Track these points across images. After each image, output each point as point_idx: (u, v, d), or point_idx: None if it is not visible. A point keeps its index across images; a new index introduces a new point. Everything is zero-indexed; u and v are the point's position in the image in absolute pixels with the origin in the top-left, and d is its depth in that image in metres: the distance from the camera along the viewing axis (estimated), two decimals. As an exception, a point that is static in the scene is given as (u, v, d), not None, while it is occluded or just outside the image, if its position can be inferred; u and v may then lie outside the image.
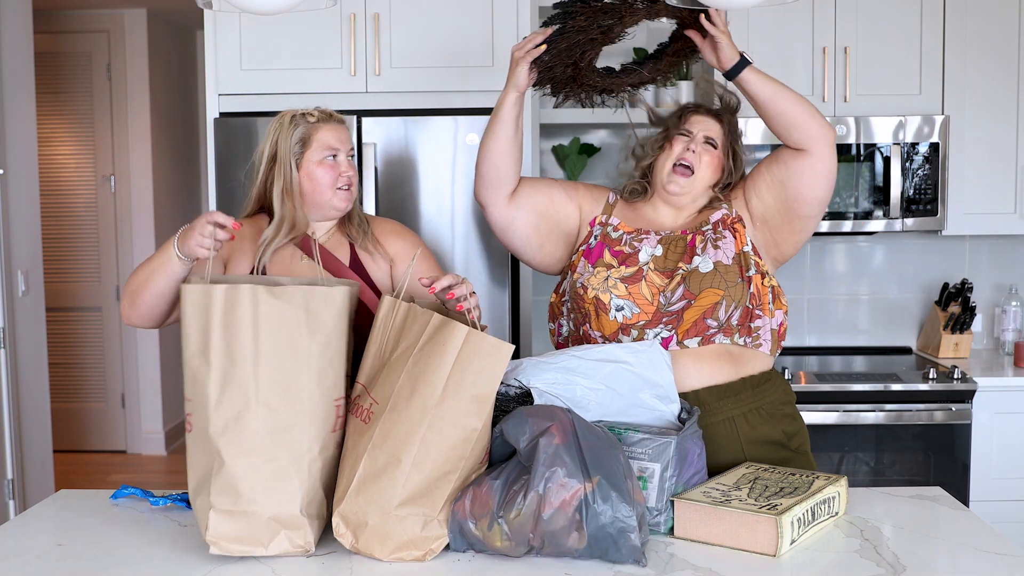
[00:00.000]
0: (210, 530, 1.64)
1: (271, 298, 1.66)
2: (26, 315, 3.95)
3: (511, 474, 1.65)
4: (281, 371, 1.66)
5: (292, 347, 1.66)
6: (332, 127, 2.13)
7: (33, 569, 1.64)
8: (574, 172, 3.75)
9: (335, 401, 1.72)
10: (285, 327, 1.66)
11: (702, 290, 2.07)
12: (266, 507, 1.64)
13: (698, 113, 2.23)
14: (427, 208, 3.21)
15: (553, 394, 1.83)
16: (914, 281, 3.93)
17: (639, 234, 2.18)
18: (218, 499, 1.64)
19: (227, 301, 1.65)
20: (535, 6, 3.42)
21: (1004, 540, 1.74)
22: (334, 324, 1.71)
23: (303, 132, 2.10)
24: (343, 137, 2.14)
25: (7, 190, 3.83)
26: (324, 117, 2.13)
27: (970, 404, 3.34)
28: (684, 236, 2.16)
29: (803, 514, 1.71)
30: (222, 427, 1.64)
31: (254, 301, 1.65)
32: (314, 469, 1.68)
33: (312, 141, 2.10)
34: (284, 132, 2.11)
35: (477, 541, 1.64)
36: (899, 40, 3.53)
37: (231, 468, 1.63)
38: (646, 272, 2.11)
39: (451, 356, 1.64)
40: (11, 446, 3.77)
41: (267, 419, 1.64)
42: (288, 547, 1.66)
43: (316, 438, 1.68)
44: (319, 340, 1.69)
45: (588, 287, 2.13)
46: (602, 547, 1.60)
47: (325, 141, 2.11)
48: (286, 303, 1.66)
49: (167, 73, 5.87)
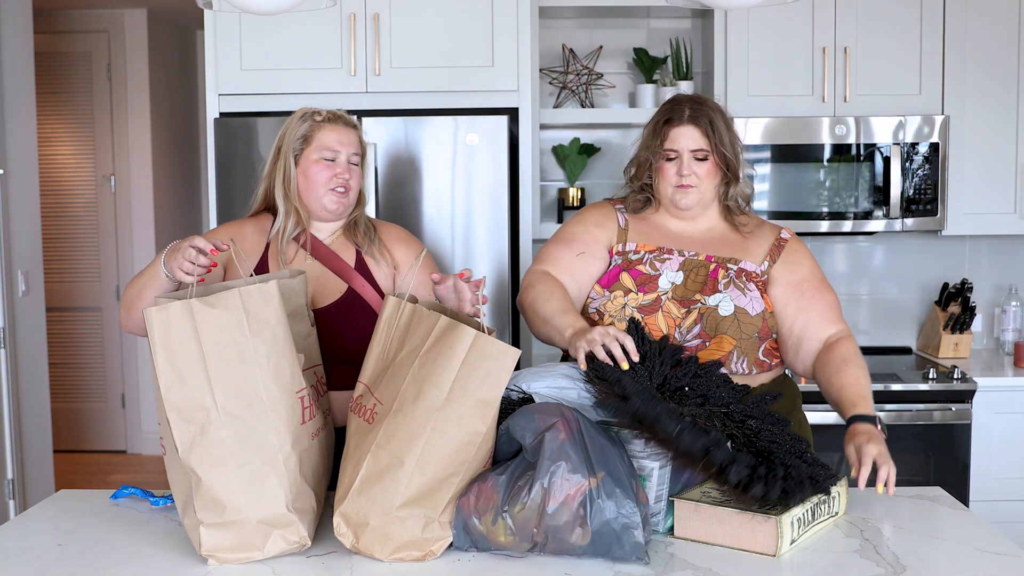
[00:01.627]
0: (204, 545, 1.64)
1: (207, 308, 1.64)
2: (26, 315, 3.95)
3: (516, 470, 1.65)
4: (233, 377, 1.64)
5: (239, 351, 1.64)
6: (336, 128, 2.13)
7: (33, 569, 1.64)
8: (574, 172, 3.76)
9: (297, 393, 1.70)
10: (227, 333, 1.64)
11: (718, 333, 2.03)
12: (252, 512, 1.64)
13: (677, 124, 2.10)
14: (427, 208, 3.21)
15: (554, 398, 1.83)
16: (914, 281, 3.93)
17: (661, 253, 2.12)
18: (204, 515, 1.63)
19: (161, 323, 1.62)
20: (535, 6, 3.42)
21: (1004, 540, 1.74)
22: (277, 319, 1.69)
23: (307, 129, 2.12)
24: (346, 140, 2.14)
25: (7, 190, 3.83)
26: (331, 117, 2.14)
27: (970, 404, 3.34)
28: (707, 263, 2.10)
29: (803, 514, 1.71)
30: (189, 445, 1.62)
31: (190, 315, 1.63)
32: (291, 464, 1.67)
33: (313, 139, 2.12)
34: (292, 127, 2.13)
35: (481, 538, 1.64)
36: (899, 40, 3.53)
37: (208, 482, 1.62)
38: (664, 302, 2.06)
39: (458, 359, 1.64)
40: (11, 446, 3.77)
41: (231, 426, 1.63)
42: (284, 546, 1.65)
43: (285, 435, 1.67)
44: (265, 339, 1.67)
45: (605, 313, 2.08)
46: (605, 544, 1.60)
47: (325, 141, 2.12)
48: (223, 310, 1.65)
49: (167, 73, 5.87)
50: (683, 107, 2.12)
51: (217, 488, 1.62)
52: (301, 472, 1.69)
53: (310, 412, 1.74)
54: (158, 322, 1.62)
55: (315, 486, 1.73)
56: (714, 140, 2.09)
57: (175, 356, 1.62)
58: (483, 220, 3.21)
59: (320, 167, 2.11)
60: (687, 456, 1.68)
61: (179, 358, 1.62)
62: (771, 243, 2.17)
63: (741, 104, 3.54)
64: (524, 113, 3.32)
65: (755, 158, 3.50)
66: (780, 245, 2.18)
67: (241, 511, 1.63)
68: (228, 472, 1.63)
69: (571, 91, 3.80)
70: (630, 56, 3.86)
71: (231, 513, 1.63)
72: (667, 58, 3.78)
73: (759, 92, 3.55)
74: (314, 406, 1.76)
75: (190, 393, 1.62)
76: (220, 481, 1.63)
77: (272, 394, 1.66)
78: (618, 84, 3.87)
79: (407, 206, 3.21)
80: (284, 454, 1.66)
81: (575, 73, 3.79)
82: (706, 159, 2.10)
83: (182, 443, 1.62)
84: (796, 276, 2.14)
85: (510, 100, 3.30)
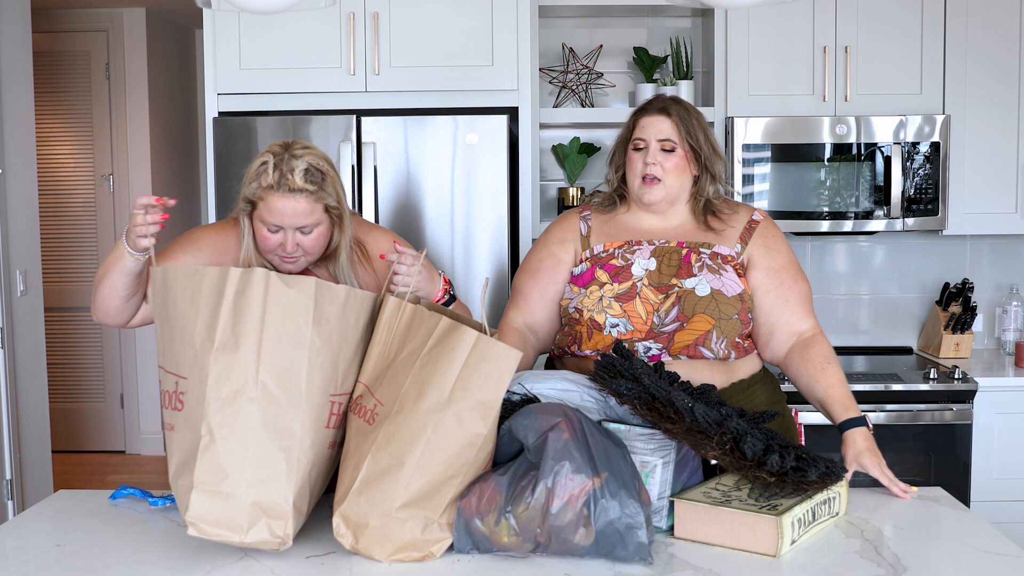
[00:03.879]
0: (190, 510, 1.62)
1: (283, 285, 1.67)
2: (25, 315, 3.95)
3: (519, 470, 1.65)
4: (282, 357, 1.66)
5: (296, 335, 1.67)
6: (282, 198, 1.90)
7: (32, 569, 1.64)
8: (574, 172, 3.75)
9: (331, 396, 1.71)
10: (292, 314, 1.67)
11: (695, 313, 2.04)
12: (251, 491, 1.63)
13: (647, 114, 2.14)
14: (427, 208, 3.20)
15: (557, 399, 1.83)
16: (915, 281, 3.93)
17: (631, 246, 2.14)
18: (203, 477, 1.62)
19: (241, 283, 1.66)
20: (535, 6, 3.42)
21: (1005, 540, 1.73)
22: (337, 320, 1.71)
23: (253, 192, 1.93)
24: (290, 211, 1.90)
25: (6, 190, 3.82)
26: (276, 184, 1.90)
27: (971, 404, 3.34)
28: (679, 249, 2.11)
29: (804, 514, 1.71)
30: (217, 405, 1.63)
31: (266, 285, 1.66)
32: (304, 460, 1.67)
33: (259, 205, 1.94)
34: (248, 177, 1.95)
35: (483, 539, 1.64)
36: (900, 39, 3.53)
37: (221, 446, 1.62)
38: (640, 288, 2.07)
39: (459, 360, 1.63)
40: (10, 446, 3.76)
41: (262, 402, 1.64)
42: (267, 536, 1.63)
43: (309, 429, 1.67)
44: (323, 333, 1.69)
45: (583, 309, 2.09)
46: (609, 544, 1.60)
47: (266, 213, 1.92)
48: (297, 291, 1.67)
49: (166, 72, 5.87)
50: (657, 101, 2.16)
51: (228, 455, 1.62)
52: (310, 472, 1.69)
53: (336, 420, 1.74)
54: (238, 282, 1.65)
55: (314, 493, 1.72)
56: (683, 131, 2.11)
57: (241, 318, 1.65)
58: (483, 220, 3.20)
59: (265, 235, 1.96)
60: (700, 433, 1.69)
61: (243, 321, 1.65)
62: (744, 225, 2.17)
63: (741, 103, 3.53)
64: (524, 112, 3.31)
65: (755, 158, 3.50)
66: (752, 227, 2.17)
67: (240, 485, 1.62)
68: (245, 443, 1.63)
69: (571, 90, 3.80)
70: (630, 55, 3.85)
71: (230, 485, 1.62)
72: (667, 57, 3.77)
73: (759, 91, 3.54)
74: (340, 416, 1.75)
75: (239, 358, 1.64)
76: (233, 448, 1.62)
77: (310, 386, 1.67)
78: (618, 84, 3.86)
79: (407, 206, 3.20)
80: (302, 448, 1.67)
81: (575, 72, 3.79)
82: (674, 151, 2.11)
83: (212, 401, 1.63)
84: (776, 262, 2.14)
85: (510, 99, 3.30)
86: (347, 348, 1.74)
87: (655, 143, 2.12)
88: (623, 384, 1.79)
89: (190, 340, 1.67)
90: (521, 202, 3.34)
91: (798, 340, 2.13)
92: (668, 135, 2.11)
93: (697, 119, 2.14)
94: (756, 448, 1.68)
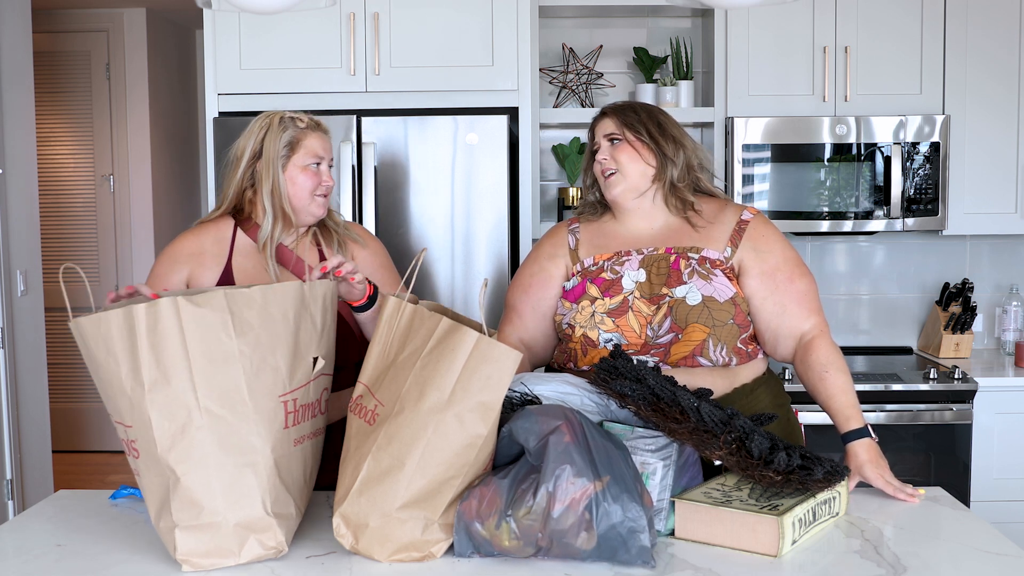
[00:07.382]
0: (179, 549, 1.62)
1: (192, 306, 1.62)
2: (25, 315, 3.95)
3: (519, 473, 1.64)
4: (217, 377, 1.63)
5: (223, 351, 1.63)
6: (319, 136, 2.20)
7: (32, 569, 1.64)
8: (574, 172, 3.75)
9: (280, 398, 1.68)
10: (212, 332, 1.63)
11: (688, 323, 2.03)
12: (229, 514, 1.62)
13: (598, 121, 2.23)
14: (427, 208, 3.20)
15: (557, 401, 1.82)
16: (915, 281, 3.93)
17: (619, 257, 2.13)
18: (180, 515, 1.61)
19: (150, 318, 1.61)
20: (535, 6, 3.42)
21: (1005, 540, 1.73)
22: (261, 322, 1.67)
23: (292, 136, 2.17)
24: (328, 146, 2.22)
25: (6, 190, 3.82)
26: (312, 125, 2.21)
27: (971, 404, 3.34)
28: (668, 256, 2.10)
29: (804, 514, 1.71)
30: (169, 444, 1.61)
31: (176, 312, 1.62)
32: (270, 468, 1.65)
33: (300, 147, 2.17)
34: (272, 133, 2.16)
35: (484, 542, 1.63)
36: (900, 39, 3.53)
37: (186, 482, 1.61)
38: (632, 301, 2.06)
39: (460, 361, 1.63)
40: (10, 446, 3.76)
41: (212, 426, 1.62)
42: (260, 551, 1.63)
43: (266, 438, 1.65)
44: (249, 341, 1.65)
45: (576, 325, 2.09)
46: (611, 548, 1.59)
47: (312, 148, 2.18)
48: (209, 308, 1.63)
49: (166, 72, 5.87)
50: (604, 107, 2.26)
51: (196, 488, 1.61)
52: (281, 476, 1.67)
53: (294, 418, 1.72)
54: (146, 318, 1.61)
55: (295, 493, 1.71)
56: (623, 123, 2.17)
57: (162, 352, 1.61)
58: (483, 220, 3.20)
59: (308, 175, 2.18)
60: (706, 433, 1.69)
61: (165, 354, 1.61)
62: (732, 227, 2.14)
63: (741, 103, 3.53)
64: (524, 113, 3.31)
65: (755, 158, 3.50)
66: (741, 228, 2.13)
67: (219, 513, 1.61)
68: (207, 472, 1.61)
69: (571, 91, 3.80)
70: (630, 55, 3.85)
71: (208, 515, 1.61)
72: (667, 57, 3.77)
73: (759, 91, 3.54)
74: (298, 411, 1.74)
75: (174, 392, 1.61)
76: (199, 481, 1.61)
77: (254, 396, 1.65)
78: (618, 84, 3.86)
79: (407, 206, 3.20)
80: (264, 457, 1.64)
81: (575, 72, 3.79)
82: (621, 141, 2.16)
83: (162, 442, 1.60)
84: (768, 264, 2.10)
85: (510, 100, 3.30)
86: (282, 345, 1.70)
87: (604, 141, 2.19)
88: (627, 385, 1.77)
89: (120, 389, 1.63)
90: (521, 202, 3.34)
91: (800, 343, 2.11)
92: (611, 130, 2.18)
93: (647, 112, 2.19)
94: (763, 447, 1.68)
